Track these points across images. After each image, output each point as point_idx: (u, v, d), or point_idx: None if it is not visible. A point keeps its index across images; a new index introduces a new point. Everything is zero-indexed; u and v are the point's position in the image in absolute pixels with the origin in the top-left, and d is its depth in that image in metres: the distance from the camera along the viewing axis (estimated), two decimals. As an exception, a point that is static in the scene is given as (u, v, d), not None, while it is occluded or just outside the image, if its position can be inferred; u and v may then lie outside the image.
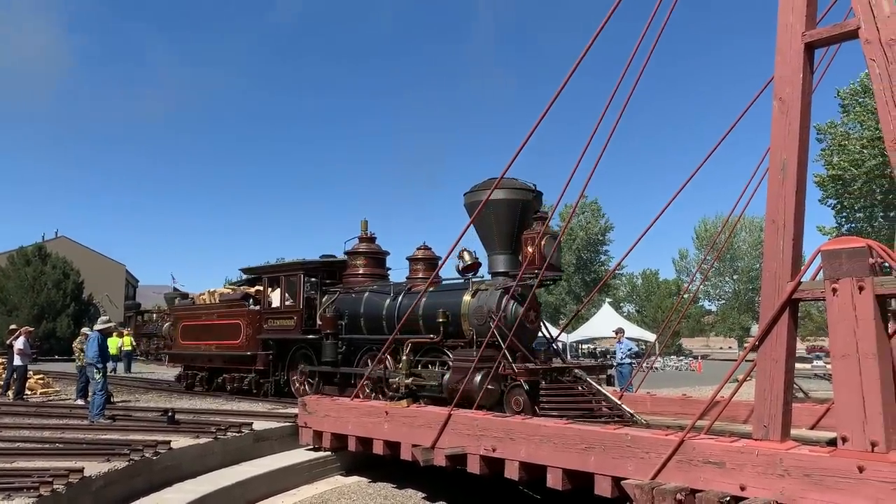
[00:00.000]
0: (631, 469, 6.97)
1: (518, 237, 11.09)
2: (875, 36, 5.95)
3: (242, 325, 15.59)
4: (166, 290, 44.68)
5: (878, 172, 25.83)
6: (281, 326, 14.79)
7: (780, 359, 6.26)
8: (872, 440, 5.53)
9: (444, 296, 11.70)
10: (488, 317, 10.47)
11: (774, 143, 6.55)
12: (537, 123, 8.69)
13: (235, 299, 16.55)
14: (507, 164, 9.13)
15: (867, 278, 5.70)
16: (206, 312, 17.23)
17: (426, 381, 11.23)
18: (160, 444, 9.12)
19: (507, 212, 11.01)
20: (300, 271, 14.54)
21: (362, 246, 14.64)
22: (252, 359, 15.35)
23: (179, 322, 18.19)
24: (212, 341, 16.61)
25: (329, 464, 10.91)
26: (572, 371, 9.98)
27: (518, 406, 9.71)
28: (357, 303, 13.32)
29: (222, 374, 16.50)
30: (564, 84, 8.51)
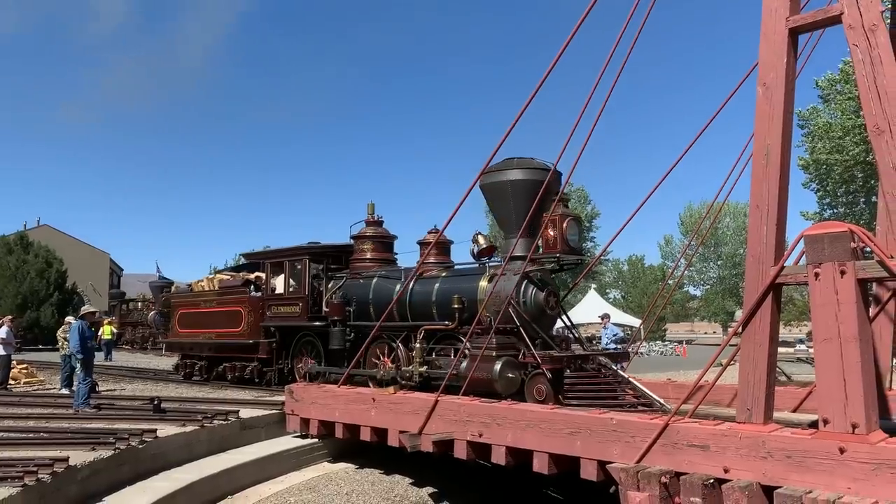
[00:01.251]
0: (616, 453, 7.03)
1: (536, 219, 10.49)
2: (858, 21, 5.98)
3: (244, 312, 15.11)
4: (151, 278, 44.40)
5: (860, 159, 26.03)
6: (285, 313, 14.27)
7: (763, 343, 6.32)
8: (853, 422, 5.61)
9: (459, 281, 11.24)
10: (506, 302, 9.94)
11: (758, 128, 6.59)
12: (529, 100, 8.67)
13: (236, 286, 16.01)
14: (499, 144, 9.09)
15: (849, 263, 5.76)
16: (204, 300, 16.74)
17: (441, 370, 10.65)
18: (146, 432, 9.09)
19: (525, 193, 10.38)
20: (305, 256, 13.95)
21: (369, 230, 14.04)
22: (254, 347, 14.90)
23: (177, 310, 17.69)
24: (211, 329, 16.15)
25: (316, 451, 10.92)
26: (596, 359, 9.69)
27: (540, 395, 9.36)
28: (366, 289, 12.83)
29: (223, 363, 16.05)
30: (553, 65, 8.50)
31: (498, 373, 9.46)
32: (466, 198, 9.45)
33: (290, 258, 14.31)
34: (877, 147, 5.87)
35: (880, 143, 5.83)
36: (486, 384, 9.37)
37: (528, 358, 9.55)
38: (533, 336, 9.82)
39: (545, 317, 10.56)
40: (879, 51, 5.86)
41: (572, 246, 10.17)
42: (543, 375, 9.35)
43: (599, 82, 8.22)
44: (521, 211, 10.47)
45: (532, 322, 9.86)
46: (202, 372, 16.88)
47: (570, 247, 10.12)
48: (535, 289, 10.41)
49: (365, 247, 13.85)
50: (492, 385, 9.32)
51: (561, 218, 10.11)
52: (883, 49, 5.85)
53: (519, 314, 9.81)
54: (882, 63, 5.84)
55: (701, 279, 65.98)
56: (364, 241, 13.88)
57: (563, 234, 10.06)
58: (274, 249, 14.92)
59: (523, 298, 10.22)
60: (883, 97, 5.81)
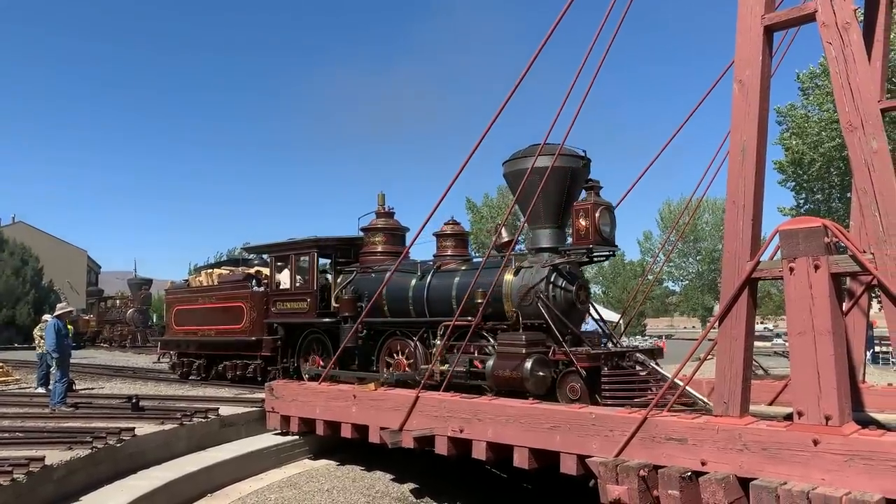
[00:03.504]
0: (596, 447, 7.09)
1: (566, 209, 9.99)
2: (832, 19, 6.06)
3: (246, 308, 14.39)
4: (129, 276, 43.96)
5: (835, 154, 26.37)
6: (292, 309, 13.44)
7: (739, 337, 6.40)
8: (827, 414, 5.70)
9: (482, 275, 10.27)
10: (535, 296, 9.47)
11: (734, 125, 6.65)
12: (513, 90, 8.69)
13: (237, 280, 15.33)
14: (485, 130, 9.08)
15: (823, 257, 5.85)
16: (203, 295, 15.95)
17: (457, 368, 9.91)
18: (124, 430, 9.01)
19: (554, 181, 9.67)
20: (313, 249, 13.13)
21: (380, 221, 13.14)
22: (257, 344, 14.11)
23: (173, 306, 16.86)
24: (210, 326, 15.36)
25: (297, 448, 10.88)
26: (633, 356, 9.15)
27: (574, 394, 8.74)
28: (378, 283, 11.76)
29: (223, 362, 15.30)
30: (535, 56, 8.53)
31: (529, 371, 8.83)
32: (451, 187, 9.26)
33: (296, 251, 13.54)
34: (850, 143, 5.96)
35: (853, 139, 5.91)
36: (516, 383, 8.89)
37: (559, 355, 9.04)
38: (563, 332, 9.32)
39: (575, 311, 9.97)
40: (852, 48, 5.94)
41: (605, 236, 9.56)
42: (577, 373, 8.78)
43: (578, 77, 8.26)
44: (550, 199, 9.88)
45: (562, 317, 9.33)
46: (200, 371, 16.15)
47: (602, 237, 9.51)
48: (564, 282, 9.78)
49: (376, 239, 13.01)
50: (521, 384, 8.81)
51: (593, 206, 9.46)
52: (856, 47, 5.94)
53: (549, 309, 9.31)
54: (855, 61, 5.92)
55: (680, 274, 66.48)
56: (375, 234, 13.03)
57: (596, 224, 9.42)
58: (279, 242, 14.03)
59: (552, 292, 9.63)
60: (856, 94, 5.90)
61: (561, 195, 9.91)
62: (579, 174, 9.89)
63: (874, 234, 5.77)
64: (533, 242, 10.36)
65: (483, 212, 45.82)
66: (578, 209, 9.63)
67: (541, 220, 10.14)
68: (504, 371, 9.01)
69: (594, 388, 8.59)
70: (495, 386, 9.07)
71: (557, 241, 10.13)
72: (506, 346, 9.26)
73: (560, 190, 9.84)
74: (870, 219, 5.80)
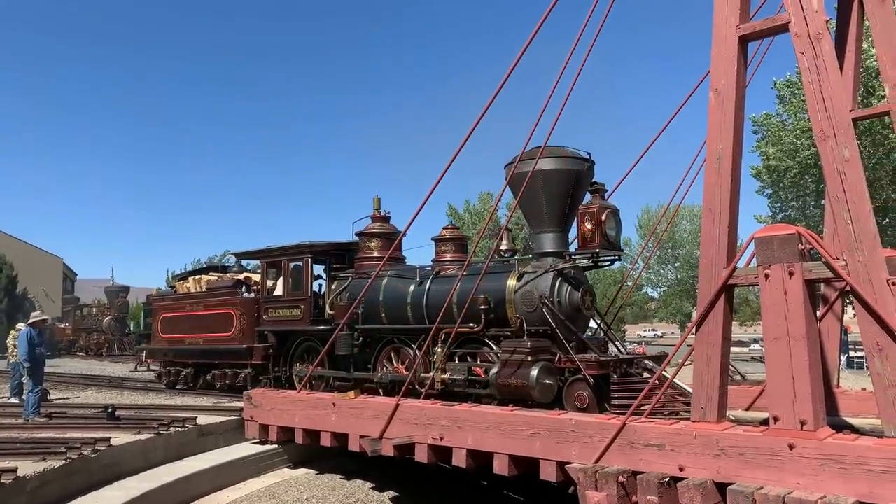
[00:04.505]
0: (575, 453, 7.12)
1: (569, 212, 9.79)
2: (804, 30, 6.17)
3: (235, 315, 14.00)
4: (106, 283, 43.47)
5: (810, 163, 26.79)
6: (285, 317, 13.06)
7: (716, 343, 6.47)
8: (802, 419, 5.77)
9: (484, 280, 9.96)
10: (540, 302, 9.26)
11: (711, 133, 6.74)
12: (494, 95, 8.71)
13: (226, 287, 14.92)
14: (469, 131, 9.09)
15: (797, 264, 5.93)
16: (190, 302, 15.52)
17: (455, 375, 9.73)
18: (99, 441, 8.88)
19: (558, 184, 9.54)
20: (307, 255, 12.75)
21: (376, 226, 12.67)
22: (248, 352, 13.72)
23: (159, 314, 16.43)
24: (198, 334, 14.94)
25: (276, 457, 10.79)
26: (641, 362, 9.07)
27: (582, 402, 8.43)
28: (375, 289, 11.47)
29: (211, 371, 14.91)
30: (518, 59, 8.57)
31: (535, 379, 8.53)
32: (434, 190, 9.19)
33: (289, 257, 13.16)
34: (822, 152, 6.07)
35: (825, 147, 6.02)
36: (522, 391, 8.62)
37: (565, 362, 8.81)
38: (568, 338, 9.09)
39: (580, 318, 9.74)
40: (824, 59, 6.05)
41: (611, 240, 9.38)
42: (584, 381, 8.50)
43: (558, 82, 8.32)
44: (554, 203, 9.68)
45: (568, 323, 9.14)
46: (188, 380, 15.74)
47: (608, 241, 9.34)
48: (569, 287, 9.56)
49: (372, 244, 12.53)
50: (528, 392, 8.54)
51: (599, 210, 9.26)
52: (827, 57, 6.05)
53: (554, 314, 9.11)
54: (827, 71, 6.03)
55: (659, 281, 67.04)
56: (370, 239, 12.54)
57: (602, 228, 9.21)
58: (271, 248, 13.63)
59: (557, 298, 9.39)
60: (828, 104, 6.01)
61: (565, 198, 9.69)
62: (584, 177, 9.71)
63: (846, 241, 5.86)
64: (536, 247, 10.13)
65: (465, 218, 45.84)
66: (584, 212, 9.43)
67: (544, 223, 9.92)
68: (509, 379, 8.73)
69: (602, 396, 8.38)
70: (500, 394, 8.85)
71: (561, 246, 9.93)
72: (510, 354, 8.96)
73: (564, 193, 9.64)
74: (842, 226, 5.90)
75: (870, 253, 5.73)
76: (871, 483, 5.34)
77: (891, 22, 7.93)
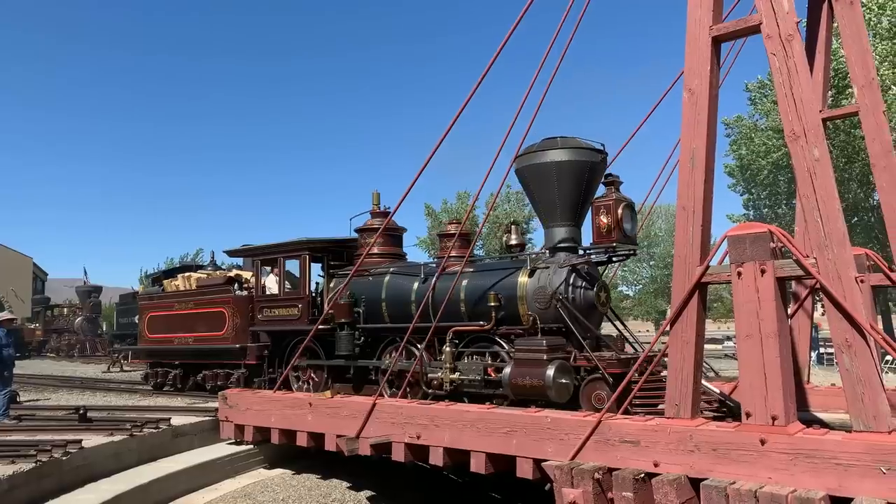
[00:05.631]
0: (551, 451, 7.15)
1: (582, 206, 9.49)
2: (775, 31, 6.25)
3: (227, 313, 13.58)
4: (78, 283, 42.75)
5: (782, 163, 27.23)
6: (281, 316, 12.53)
7: (690, 340, 6.54)
8: (773, 414, 5.86)
9: (493, 276, 9.81)
10: (554, 299, 8.96)
11: (685, 132, 6.81)
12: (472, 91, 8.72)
13: (218, 284, 14.49)
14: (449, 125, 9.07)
15: (769, 262, 6.02)
16: (180, 301, 15.09)
17: (470, 376, 9.35)
18: (70, 443, 8.75)
19: (572, 176, 9.21)
20: (305, 251, 12.24)
21: (375, 222, 12.22)
22: (241, 352, 13.31)
23: (145, 313, 16.01)
24: (188, 333, 14.52)
25: (252, 457, 10.71)
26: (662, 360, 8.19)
27: (600, 402, 8.03)
28: (376, 287, 11.18)
29: (201, 371, 14.49)
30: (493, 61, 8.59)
31: (552, 378, 8.20)
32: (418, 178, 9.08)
33: (285, 254, 12.65)
34: (793, 152, 6.15)
35: (796, 147, 6.11)
36: (537, 391, 8.30)
37: (581, 361, 8.53)
38: (583, 336, 8.85)
39: (595, 314, 9.44)
40: (795, 60, 6.14)
41: (627, 234, 9.09)
42: (602, 380, 8.20)
43: (535, 82, 8.35)
44: (568, 196, 9.35)
45: (584, 320, 8.89)
46: (177, 381, 15.33)
47: (625, 235, 9.04)
48: (584, 283, 9.27)
49: (371, 241, 11.95)
50: (544, 392, 8.21)
51: (615, 203, 8.96)
52: (798, 58, 6.14)
53: (569, 311, 8.85)
54: (797, 72, 6.12)
55: (634, 279, 67.72)
56: (371, 235, 11.98)
57: (619, 221, 8.93)
58: (266, 244, 13.13)
59: (572, 294, 9.08)
60: (798, 104, 6.10)
61: (578, 191, 9.36)
62: (598, 168, 9.43)
63: (816, 240, 5.96)
64: (548, 241, 9.74)
65: (442, 217, 45.85)
66: (599, 205, 9.12)
67: (557, 217, 9.59)
68: (524, 379, 8.41)
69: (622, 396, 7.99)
70: (514, 394, 8.58)
71: (574, 240, 9.63)
72: (525, 353, 8.66)
73: (578, 185, 9.31)
74: (812, 224, 5.99)
75: (839, 251, 5.83)
76: (839, 477, 5.44)
77: (859, 24, 8.11)
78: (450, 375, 9.42)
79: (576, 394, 8.45)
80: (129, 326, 29.66)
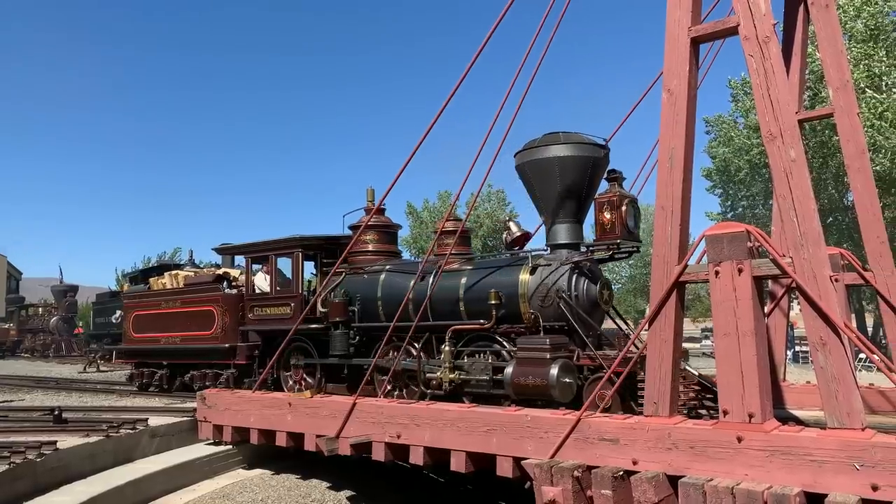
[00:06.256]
0: (531, 449, 7.17)
1: (584, 202, 9.38)
2: (753, 33, 6.32)
3: (217, 312, 13.29)
4: (54, 282, 42.16)
5: (760, 162, 27.61)
6: (274, 315, 12.12)
7: (668, 339, 6.58)
8: (750, 412, 5.92)
9: (493, 274, 9.62)
10: (556, 297, 8.83)
11: (663, 132, 6.86)
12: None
13: (207, 282, 14.14)
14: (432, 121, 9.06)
15: (746, 261, 6.08)
16: (166, 299, 14.74)
17: (478, 376, 9.16)
18: (45, 444, 8.63)
19: (574, 172, 9.08)
20: (298, 249, 11.90)
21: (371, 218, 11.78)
22: (231, 352, 12.98)
23: (130, 312, 15.64)
24: (175, 333, 14.21)
25: (231, 458, 10.63)
26: None
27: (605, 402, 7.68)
28: (372, 285, 10.86)
29: (189, 371, 14.12)
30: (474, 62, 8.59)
31: (555, 377, 8.06)
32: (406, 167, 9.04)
33: (277, 251, 12.34)
34: (770, 152, 6.22)
35: (773, 148, 6.18)
36: (540, 391, 8.16)
37: (584, 360, 8.41)
38: (586, 334, 8.73)
39: (598, 312, 9.27)
40: (772, 61, 6.21)
41: (630, 231, 9.00)
42: (608, 379, 7.87)
43: (515, 82, 8.38)
44: (570, 192, 9.21)
45: (588, 318, 8.77)
46: (163, 381, 14.98)
47: (629, 231, 8.95)
48: (587, 280, 9.10)
49: (367, 237, 11.80)
50: (547, 392, 8.07)
51: (619, 198, 8.84)
52: (775, 60, 6.21)
53: (572, 309, 8.70)
54: (774, 73, 6.19)
55: (613, 278, 68.21)
56: (365, 232, 11.70)
57: (623, 218, 8.81)
58: (256, 242, 12.81)
59: (575, 292, 8.92)
60: (775, 105, 6.16)
61: (581, 187, 9.21)
62: (600, 164, 9.26)
63: (793, 239, 6.03)
64: (549, 238, 9.58)
65: (423, 216, 45.83)
66: (602, 202, 8.98)
67: (558, 214, 9.41)
68: (526, 378, 8.25)
69: (626, 395, 7.99)
70: (515, 394, 8.41)
71: (576, 237, 9.47)
72: (527, 351, 8.48)
73: (580, 181, 9.17)
74: (789, 224, 6.06)
75: (814, 250, 5.90)
76: (814, 473, 5.51)
77: (834, 27, 8.23)
78: (449, 375, 9.26)
79: (579, 393, 8.27)
80: (106, 326, 29.34)
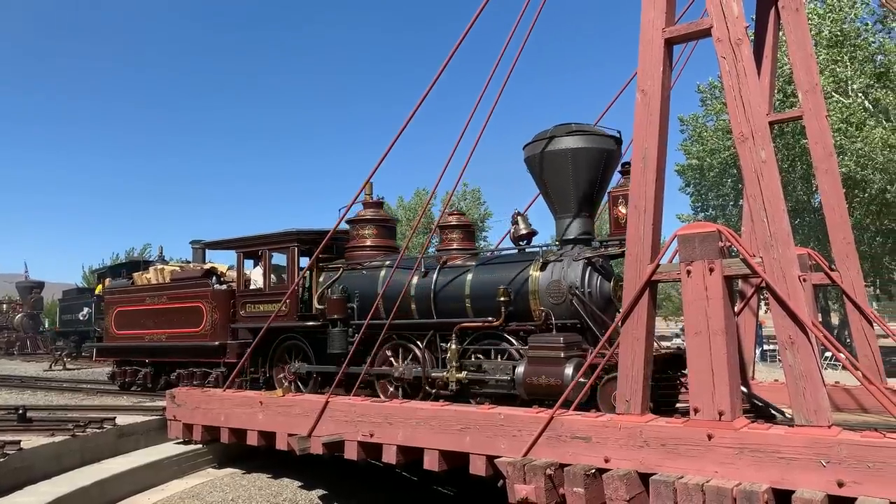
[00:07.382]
0: (504, 447, 7.18)
1: (597, 196, 9.05)
2: (725, 35, 6.39)
3: (206, 308, 12.78)
4: (19, 278, 41.33)
5: (730, 163, 28.03)
6: (267, 312, 11.39)
7: (640, 337, 6.64)
8: (720, 410, 5.99)
9: (500, 270, 9.28)
10: (569, 293, 8.50)
11: (637, 133, 6.91)
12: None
13: (195, 277, 13.67)
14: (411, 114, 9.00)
15: (717, 261, 6.15)
16: (151, 294, 14.19)
17: (488, 375, 8.84)
18: (8, 444, 8.48)
19: (587, 164, 8.73)
20: (294, 244, 11.37)
21: (369, 212, 11.47)
22: (220, 350, 12.50)
23: (112, 308, 15.04)
24: (161, 330, 13.69)
25: (200, 457, 10.51)
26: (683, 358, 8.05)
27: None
28: (371, 281, 10.43)
29: (175, 370, 13.64)
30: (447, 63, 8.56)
31: (570, 377, 7.74)
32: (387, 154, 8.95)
33: (271, 246, 11.81)
34: (741, 153, 6.30)
35: (744, 149, 6.25)
36: (554, 391, 7.80)
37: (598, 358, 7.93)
38: (599, 332, 8.38)
39: (611, 309, 8.82)
40: (744, 63, 6.28)
41: None
42: None
43: (489, 84, 8.38)
44: (582, 185, 8.86)
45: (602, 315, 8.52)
46: (147, 380, 14.51)
47: None
48: (600, 277, 8.78)
49: (365, 232, 11.30)
50: (561, 392, 7.69)
51: None
52: (747, 62, 6.28)
53: (585, 307, 8.42)
54: (746, 75, 6.26)
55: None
56: (363, 226, 11.31)
57: None
58: (249, 236, 12.33)
59: (588, 288, 8.58)
60: (747, 107, 6.24)
61: (594, 180, 8.89)
62: (613, 156, 8.98)
63: (762, 239, 6.11)
64: (560, 233, 9.25)
65: (398, 214, 45.76)
66: (617, 195, 8.73)
67: (570, 208, 9.03)
68: (539, 378, 7.98)
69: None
70: (528, 395, 8.14)
71: (588, 232, 9.14)
72: (540, 350, 8.18)
73: (593, 174, 8.83)
74: (759, 224, 6.14)
75: (784, 250, 5.99)
76: (782, 470, 5.59)
77: (804, 31, 8.36)
78: (456, 375, 8.98)
79: (593, 393, 7.81)
80: (73, 323, 28.84)
